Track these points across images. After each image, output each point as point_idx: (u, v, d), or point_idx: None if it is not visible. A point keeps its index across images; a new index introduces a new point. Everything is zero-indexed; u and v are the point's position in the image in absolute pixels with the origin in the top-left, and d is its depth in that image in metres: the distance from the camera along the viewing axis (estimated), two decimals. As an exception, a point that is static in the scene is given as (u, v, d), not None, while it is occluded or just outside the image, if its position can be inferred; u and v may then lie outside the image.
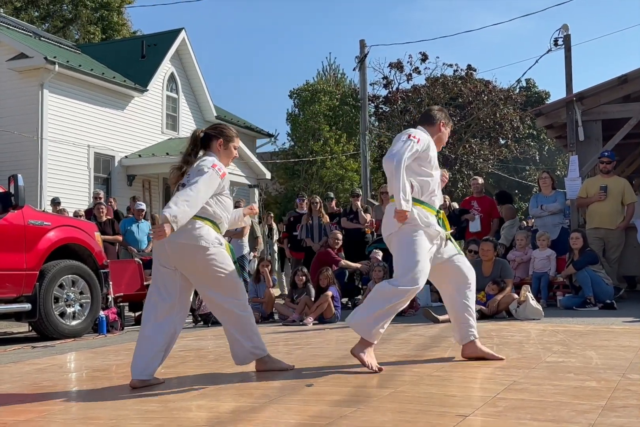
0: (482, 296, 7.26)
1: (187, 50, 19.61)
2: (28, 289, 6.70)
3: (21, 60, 15.25)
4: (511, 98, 26.81)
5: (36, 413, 3.19)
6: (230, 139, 4.10)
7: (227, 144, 4.08)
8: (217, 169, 3.85)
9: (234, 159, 4.22)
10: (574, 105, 9.60)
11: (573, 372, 3.69)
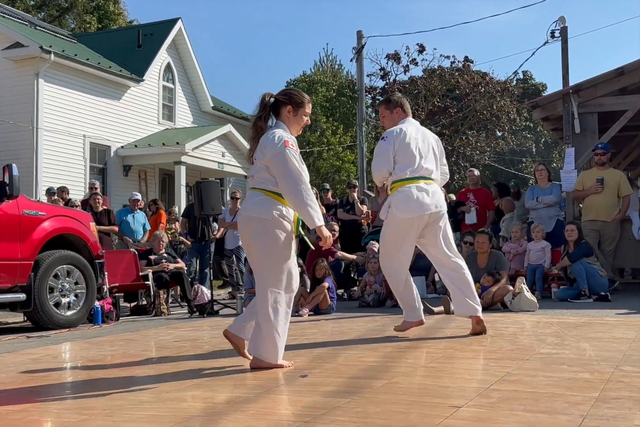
0: (477, 287, 7.27)
1: (184, 40, 19.53)
2: (23, 279, 6.68)
3: (17, 49, 15.17)
4: (508, 90, 26.78)
5: (30, 403, 3.19)
6: (301, 105, 3.98)
7: (296, 110, 3.97)
8: (291, 145, 3.79)
9: (304, 126, 4.12)
10: (570, 98, 9.60)
11: (566, 364, 3.71)
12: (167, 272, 8.74)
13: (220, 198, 8.69)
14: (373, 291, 8.04)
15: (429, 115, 25.80)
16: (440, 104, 25.93)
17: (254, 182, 3.90)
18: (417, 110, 25.82)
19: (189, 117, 20.02)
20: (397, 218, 4.78)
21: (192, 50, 19.79)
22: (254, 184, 3.89)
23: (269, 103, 3.93)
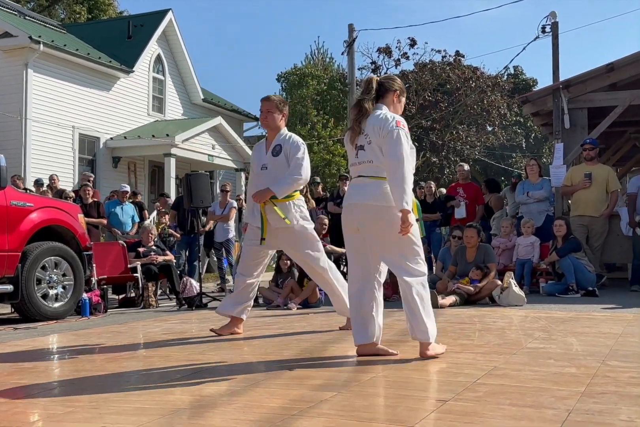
0: (466, 281, 7.31)
1: (174, 31, 19.43)
2: (10, 271, 6.64)
3: (5, 39, 15.05)
4: (499, 85, 26.81)
5: (16, 395, 3.17)
6: (403, 93, 4.05)
7: (400, 96, 4.02)
8: (402, 126, 3.78)
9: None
10: (560, 93, 9.62)
11: (553, 359, 3.72)
12: (155, 264, 8.72)
13: (210, 191, 8.66)
14: (362, 284, 8.03)
15: (420, 110, 25.80)
16: (431, 98, 25.93)
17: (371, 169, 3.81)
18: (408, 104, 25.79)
19: (179, 109, 19.94)
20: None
21: (183, 41, 19.70)
22: (374, 172, 3.80)
23: (374, 87, 3.92)
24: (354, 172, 3.90)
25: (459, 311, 6.33)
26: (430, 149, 26.79)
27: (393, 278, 7.75)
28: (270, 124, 4.93)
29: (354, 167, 3.91)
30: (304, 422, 2.51)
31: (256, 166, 5.00)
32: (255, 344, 4.64)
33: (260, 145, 5.09)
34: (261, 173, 4.93)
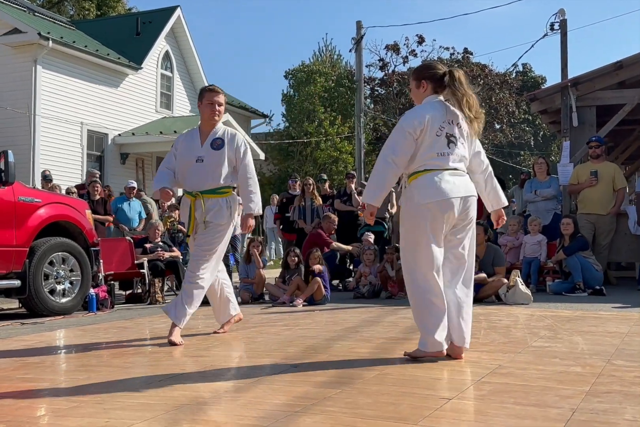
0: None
1: (182, 28, 19.45)
2: (18, 266, 6.67)
3: (15, 35, 15.11)
4: (507, 82, 26.73)
5: (21, 390, 3.19)
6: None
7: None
8: None
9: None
10: (568, 91, 9.58)
11: (559, 357, 3.71)
12: (162, 260, 8.73)
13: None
14: (368, 282, 8.04)
15: (428, 107, 25.67)
16: (439, 95, 25.82)
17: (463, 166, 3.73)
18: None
19: (187, 105, 19.97)
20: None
21: (191, 38, 19.72)
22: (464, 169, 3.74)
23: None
24: (444, 162, 3.62)
25: (464, 309, 6.31)
26: (438, 147, 26.72)
27: (399, 275, 7.75)
28: (221, 118, 4.78)
29: (438, 158, 3.61)
30: (307, 419, 2.51)
31: (187, 156, 4.70)
32: (260, 340, 4.65)
33: (192, 135, 4.80)
34: (196, 165, 4.66)
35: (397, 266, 7.90)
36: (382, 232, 9.47)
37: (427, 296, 3.58)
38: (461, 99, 3.66)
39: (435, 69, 3.76)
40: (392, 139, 3.65)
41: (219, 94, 4.73)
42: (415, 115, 3.64)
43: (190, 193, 4.68)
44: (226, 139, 4.70)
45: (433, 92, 3.76)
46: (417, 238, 3.61)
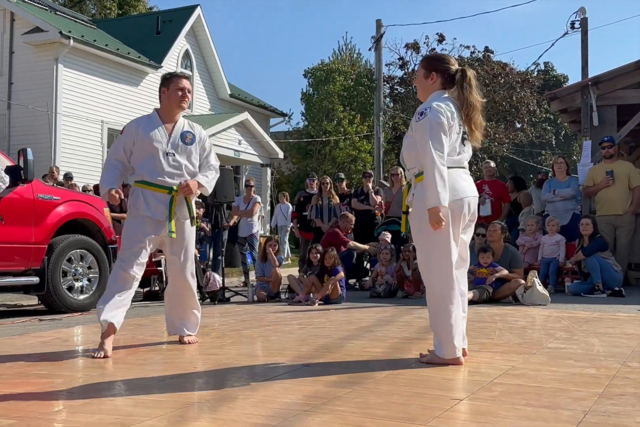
0: (485, 271, 7.19)
1: (202, 27, 19.53)
2: (36, 263, 6.74)
3: (36, 34, 15.25)
4: (528, 81, 26.52)
5: (36, 386, 3.22)
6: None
7: None
8: None
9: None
10: (589, 90, 9.48)
11: (573, 359, 3.68)
12: (179, 258, 8.76)
13: (234, 186, 8.69)
14: (384, 281, 8.02)
15: (448, 106, 25.57)
16: (459, 94, 25.69)
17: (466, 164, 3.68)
18: (436, 100, 25.60)
19: (207, 104, 20.04)
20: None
21: (211, 37, 19.79)
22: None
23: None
24: (460, 161, 3.58)
25: (480, 309, 6.28)
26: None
27: (415, 275, 7.73)
28: (188, 105, 4.52)
29: (460, 156, 3.58)
30: (316, 419, 2.51)
31: (151, 147, 4.27)
32: (274, 339, 4.66)
33: (152, 123, 4.34)
34: (167, 159, 4.28)
35: (414, 266, 7.88)
36: (399, 231, 9.44)
37: (448, 300, 3.48)
38: (462, 103, 3.56)
39: (449, 64, 3.64)
40: (433, 136, 3.42)
41: (188, 79, 4.45)
42: (444, 109, 3.49)
43: (161, 186, 4.27)
44: (195, 133, 4.42)
45: (442, 87, 3.64)
46: (438, 238, 3.47)
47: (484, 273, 7.19)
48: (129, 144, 4.30)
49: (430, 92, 3.65)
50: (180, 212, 4.34)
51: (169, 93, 4.33)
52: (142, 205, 4.25)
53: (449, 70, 3.63)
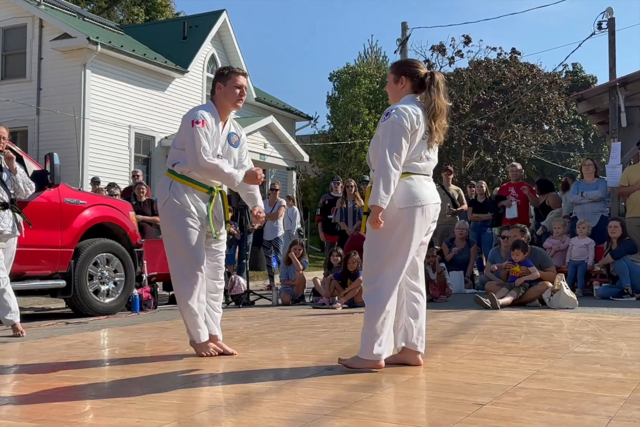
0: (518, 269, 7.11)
1: (228, 31, 19.63)
2: (63, 266, 6.82)
3: (65, 40, 15.45)
4: (556, 82, 26.26)
5: (59, 389, 3.24)
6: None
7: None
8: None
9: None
10: (617, 91, 9.36)
11: (600, 363, 3.62)
12: (205, 262, 8.80)
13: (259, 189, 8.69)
14: (409, 284, 7.97)
15: (474, 108, 25.47)
16: (486, 96, 25.57)
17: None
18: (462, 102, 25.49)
19: (232, 108, 20.10)
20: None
21: (236, 41, 19.88)
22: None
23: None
24: (424, 168, 3.53)
25: (507, 313, 6.22)
26: (485, 148, 26.41)
27: (440, 278, 7.68)
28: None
29: (424, 163, 3.53)
30: (335, 423, 2.49)
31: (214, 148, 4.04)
32: (297, 342, 4.65)
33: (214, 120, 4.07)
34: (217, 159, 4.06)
35: (439, 269, 7.83)
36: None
37: (386, 306, 3.43)
38: (429, 105, 3.50)
39: (417, 68, 3.61)
40: (393, 138, 3.39)
41: (246, 76, 4.23)
42: (409, 112, 3.44)
43: (203, 185, 4.07)
44: (239, 135, 4.25)
45: (412, 91, 3.59)
46: (394, 245, 3.42)
47: (517, 272, 7.11)
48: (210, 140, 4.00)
49: (401, 97, 3.61)
50: (219, 213, 4.17)
51: (226, 90, 4.10)
52: (184, 198, 4.03)
53: (418, 74, 3.58)
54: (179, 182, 4.05)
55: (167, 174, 4.14)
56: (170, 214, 4.07)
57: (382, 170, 3.37)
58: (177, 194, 4.04)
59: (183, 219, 4.03)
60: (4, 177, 5.60)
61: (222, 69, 4.24)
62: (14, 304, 5.47)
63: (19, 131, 15.50)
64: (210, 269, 4.19)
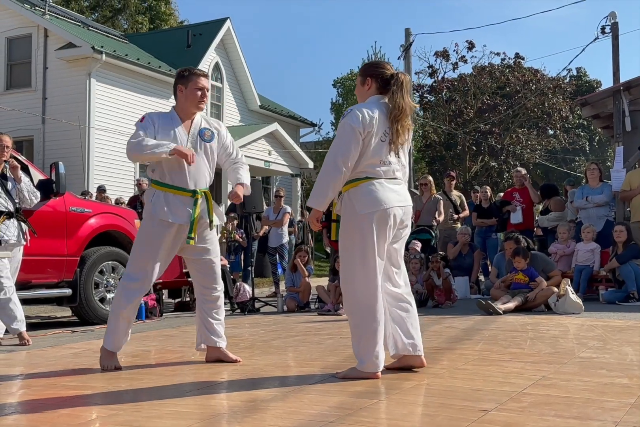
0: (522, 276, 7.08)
1: (232, 39, 19.72)
2: (69, 275, 6.84)
3: (69, 49, 15.55)
4: (560, 87, 26.27)
5: (65, 397, 3.25)
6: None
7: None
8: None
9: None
10: (621, 95, 9.35)
11: (605, 369, 3.61)
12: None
13: (262, 196, 8.73)
14: (414, 290, 7.95)
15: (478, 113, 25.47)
16: (490, 101, 25.58)
17: (402, 173, 3.59)
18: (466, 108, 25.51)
19: (237, 115, 20.19)
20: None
21: (240, 49, 19.97)
22: (403, 176, 3.61)
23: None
24: (385, 172, 3.46)
25: (512, 319, 6.20)
26: (489, 153, 26.40)
27: (445, 284, 7.67)
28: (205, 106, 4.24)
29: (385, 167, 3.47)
30: (340, 430, 2.49)
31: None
32: (302, 349, 4.65)
33: (170, 121, 4.07)
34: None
35: (444, 275, 7.82)
36: (429, 240, 9.39)
37: (373, 312, 3.39)
38: (394, 105, 3.45)
39: (383, 69, 3.58)
40: (342, 139, 3.40)
41: (207, 78, 4.19)
42: (363, 114, 3.39)
43: (184, 189, 4.00)
44: (212, 128, 4.17)
45: (378, 92, 3.56)
46: (360, 251, 3.40)
47: (521, 279, 7.09)
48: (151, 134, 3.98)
49: (367, 98, 3.59)
50: (204, 215, 4.07)
51: (187, 92, 4.07)
52: (162, 209, 3.95)
53: (383, 75, 3.56)
54: (161, 191, 4.00)
55: (151, 185, 4.11)
56: (145, 225, 4.06)
57: (324, 173, 3.43)
58: (157, 206, 3.97)
59: (156, 235, 3.98)
60: (8, 187, 5.63)
61: (182, 71, 4.20)
62: (20, 313, 5.48)
63: (25, 140, 15.59)
64: (204, 277, 4.14)
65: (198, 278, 4.16)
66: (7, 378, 3.90)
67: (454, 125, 25.38)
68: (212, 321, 4.16)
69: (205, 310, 4.16)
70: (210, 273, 4.15)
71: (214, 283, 4.16)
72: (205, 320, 4.16)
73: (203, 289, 4.15)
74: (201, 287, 4.15)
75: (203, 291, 4.15)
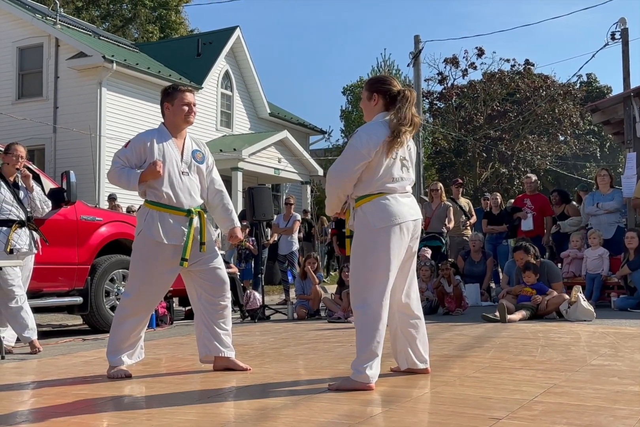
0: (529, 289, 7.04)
1: (242, 48, 19.81)
2: (80, 283, 6.86)
3: (80, 59, 15.66)
4: (570, 93, 26.21)
5: (76, 405, 3.25)
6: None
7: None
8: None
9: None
10: (631, 101, 9.32)
11: (617, 376, 3.59)
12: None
13: (272, 204, 8.74)
14: (425, 298, 7.94)
15: (488, 120, 25.44)
16: (500, 108, 25.55)
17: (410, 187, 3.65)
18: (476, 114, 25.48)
19: (247, 123, 20.25)
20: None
21: (250, 57, 20.05)
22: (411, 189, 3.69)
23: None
24: (396, 189, 3.51)
25: (523, 326, 6.17)
26: (499, 160, 26.34)
27: (456, 291, 7.65)
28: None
29: (397, 184, 3.51)
30: (350, 438, 2.49)
31: (171, 166, 4.05)
32: (312, 357, 4.64)
33: (165, 141, 4.11)
34: (183, 179, 4.07)
35: (455, 282, 7.80)
36: (440, 247, 9.37)
37: (378, 327, 3.42)
38: (402, 117, 3.46)
39: (390, 85, 3.59)
40: (347, 159, 3.48)
41: (192, 93, 4.20)
42: (370, 136, 3.45)
43: (179, 209, 4.02)
44: (203, 151, 4.25)
45: (384, 108, 3.58)
46: (375, 265, 3.42)
47: (529, 291, 7.04)
48: (135, 160, 4.04)
49: (374, 114, 3.62)
50: (198, 235, 4.07)
51: (174, 109, 4.11)
52: (156, 231, 3.95)
53: (390, 91, 3.57)
54: (155, 211, 4.01)
55: (145, 204, 4.11)
56: (139, 246, 4.07)
57: (327, 184, 3.60)
58: (151, 226, 3.98)
59: (150, 257, 4.01)
60: (20, 196, 5.67)
61: (167, 88, 4.25)
62: (31, 321, 5.51)
63: (36, 149, 15.68)
64: (213, 285, 4.12)
65: (206, 287, 4.11)
66: (18, 387, 3.91)
67: (464, 131, 25.37)
68: (220, 331, 4.12)
69: (213, 320, 4.11)
70: (218, 280, 4.13)
71: (222, 291, 4.14)
72: (213, 331, 4.11)
73: (212, 298, 4.10)
74: (210, 297, 4.11)
75: (211, 300, 4.10)
